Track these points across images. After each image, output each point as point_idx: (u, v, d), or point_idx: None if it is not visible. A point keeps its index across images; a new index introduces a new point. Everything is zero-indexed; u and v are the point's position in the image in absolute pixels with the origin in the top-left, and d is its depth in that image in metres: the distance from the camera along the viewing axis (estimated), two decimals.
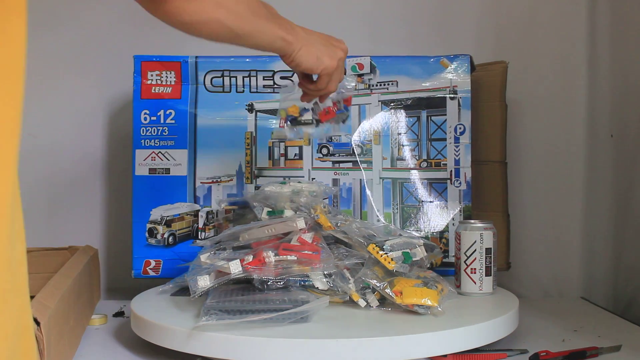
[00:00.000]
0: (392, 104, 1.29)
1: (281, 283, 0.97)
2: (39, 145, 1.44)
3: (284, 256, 0.98)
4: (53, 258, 1.26)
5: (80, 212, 1.45)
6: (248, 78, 1.29)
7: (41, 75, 1.44)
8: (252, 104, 1.29)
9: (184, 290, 1.08)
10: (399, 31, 1.45)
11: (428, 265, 1.07)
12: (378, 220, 1.26)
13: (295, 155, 1.29)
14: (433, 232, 1.26)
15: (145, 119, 1.28)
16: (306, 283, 0.99)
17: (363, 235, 1.05)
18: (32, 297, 0.80)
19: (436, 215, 1.27)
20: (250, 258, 0.97)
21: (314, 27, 1.45)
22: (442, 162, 1.27)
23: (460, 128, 1.27)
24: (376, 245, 1.01)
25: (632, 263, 1.27)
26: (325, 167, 1.29)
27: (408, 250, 1.03)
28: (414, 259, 1.03)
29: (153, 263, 1.26)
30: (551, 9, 1.44)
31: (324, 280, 0.99)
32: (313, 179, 1.28)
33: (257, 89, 1.29)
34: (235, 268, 0.95)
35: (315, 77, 0.98)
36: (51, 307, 0.81)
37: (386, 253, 1.01)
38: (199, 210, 1.28)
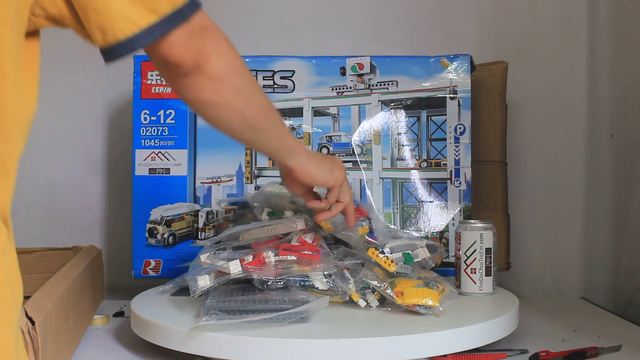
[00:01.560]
0: (392, 104, 1.29)
1: (281, 283, 0.97)
2: (39, 145, 1.44)
3: (284, 256, 0.98)
4: (56, 258, 1.27)
5: (80, 212, 1.45)
6: None
7: (41, 76, 1.44)
8: None
9: (184, 290, 1.08)
10: (399, 31, 1.45)
11: (432, 266, 1.07)
12: None
13: None
14: (433, 232, 1.26)
15: (145, 119, 1.28)
16: (306, 283, 0.99)
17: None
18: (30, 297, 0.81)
19: (436, 215, 1.27)
20: (250, 258, 0.97)
21: (315, 27, 1.45)
22: (442, 162, 1.27)
23: (460, 128, 1.27)
24: (375, 249, 1.01)
25: (632, 263, 1.27)
26: None
27: (409, 252, 1.02)
28: (415, 260, 1.02)
29: (153, 263, 1.26)
30: (551, 9, 1.44)
31: (324, 280, 0.99)
32: None
33: None
34: (235, 268, 0.95)
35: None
36: (48, 307, 0.81)
37: (386, 256, 1.00)
38: (199, 210, 1.28)
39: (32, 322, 0.73)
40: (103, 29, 0.61)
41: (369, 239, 1.04)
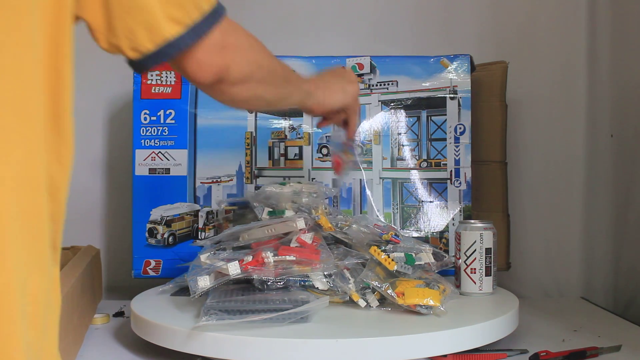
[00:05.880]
0: (392, 104, 1.29)
1: (281, 283, 0.97)
2: None
3: (283, 256, 0.98)
4: None
5: (80, 212, 1.45)
6: None
7: None
8: None
9: (184, 290, 1.08)
10: (400, 31, 1.45)
11: (436, 271, 1.06)
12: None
13: (295, 155, 1.29)
14: (433, 232, 1.26)
15: (145, 119, 1.28)
16: (306, 283, 0.99)
17: (369, 240, 1.05)
18: None
19: (436, 215, 1.27)
20: (249, 258, 0.97)
21: (315, 27, 1.45)
22: (442, 162, 1.27)
23: (460, 128, 1.27)
24: (378, 247, 1.01)
25: (632, 263, 1.27)
26: (325, 167, 1.29)
27: (412, 254, 1.02)
28: (417, 263, 1.02)
29: (153, 263, 1.26)
30: (551, 9, 1.44)
31: (324, 280, 0.99)
32: (313, 179, 1.28)
33: None
34: (233, 270, 0.94)
35: None
36: None
37: (387, 254, 1.00)
38: (199, 210, 1.28)
39: None
40: (149, 29, 0.61)
41: (393, 239, 1.05)
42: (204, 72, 0.67)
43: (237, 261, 0.95)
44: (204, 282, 0.96)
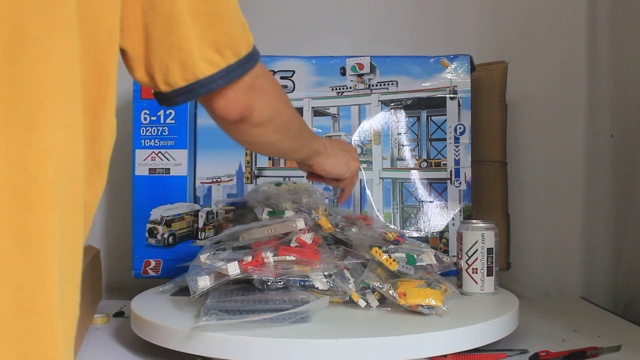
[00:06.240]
0: (392, 104, 1.29)
1: (281, 283, 0.97)
2: None
3: (283, 256, 0.98)
4: None
5: None
6: None
7: None
8: None
9: (184, 290, 1.08)
10: (400, 31, 1.45)
11: (438, 272, 1.06)
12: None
13: None
14: (433, 232, 1.26)
15: (145, 119, 1.28)
16: (306, 283, 0.99)
17: (370, 241, 1.05)
18: None
19: (436, 215, 1.27)
20: (249, 258, 0.97)
21: (315, 27, 1.45)
22: (442, 162, 1.27)
23: (460, 128, 1.27)
24: (379, 248, 1.01)
25: (632, 263, 1.27)
26: None
27: (414, 255, 1.02)
28: (419, 264, 1.02)
29: (153, 263, 1.26)
30: (551, 9, 1.44)
31: (324, 280, 0.99)
32: None
33: None
34: (233, 270, 0.94)
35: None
36: None
37: (389, 255, 1.00)
38: (199, 210, 1.28)
39: None
40: (184, 67, 0.63)
41: (397, 237, 1.07)
42: (230, 109, 0.69)
43: (236, 261, 0.95)
44: (204, 282, 0.95)
